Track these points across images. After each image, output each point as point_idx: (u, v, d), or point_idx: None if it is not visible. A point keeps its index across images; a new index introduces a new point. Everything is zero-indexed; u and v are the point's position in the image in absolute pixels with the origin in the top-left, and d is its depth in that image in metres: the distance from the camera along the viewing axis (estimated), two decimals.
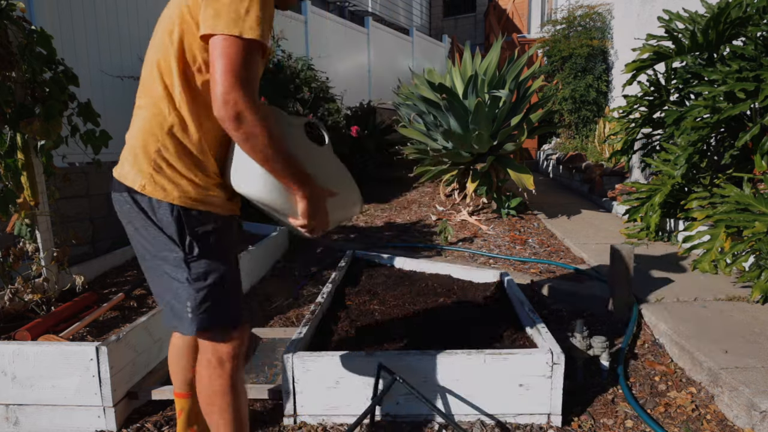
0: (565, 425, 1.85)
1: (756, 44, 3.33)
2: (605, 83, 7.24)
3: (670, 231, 3.97)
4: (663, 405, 1.98)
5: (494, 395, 1.84)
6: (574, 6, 7.82)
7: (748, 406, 1.79)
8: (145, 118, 1.28)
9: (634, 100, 4.28)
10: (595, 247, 3.88)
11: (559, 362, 1.80)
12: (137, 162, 1.27)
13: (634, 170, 5.54)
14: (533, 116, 4.67)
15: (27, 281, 2.36)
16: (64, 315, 2.32)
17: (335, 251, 3.92)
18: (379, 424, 1.85)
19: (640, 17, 5.92)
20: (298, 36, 7.02)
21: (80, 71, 2.74)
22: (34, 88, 2.35)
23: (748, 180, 3.14)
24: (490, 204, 5.03)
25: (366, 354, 1.86)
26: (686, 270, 3.17)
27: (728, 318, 2.47)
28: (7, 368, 1.85)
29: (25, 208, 2.39)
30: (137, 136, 1.29)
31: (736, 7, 3.37)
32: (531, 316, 2.18)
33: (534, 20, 11.48)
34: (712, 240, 2.94)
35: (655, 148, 4.51)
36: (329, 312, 2.48)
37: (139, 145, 1.28)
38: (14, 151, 2.36)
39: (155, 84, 1.26)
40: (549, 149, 8.03)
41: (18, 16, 2.30)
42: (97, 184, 3.98)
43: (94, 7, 4.07)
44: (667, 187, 3.76)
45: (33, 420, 1.89)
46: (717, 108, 3.29)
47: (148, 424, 1.89)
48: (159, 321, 2.22)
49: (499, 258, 3.79)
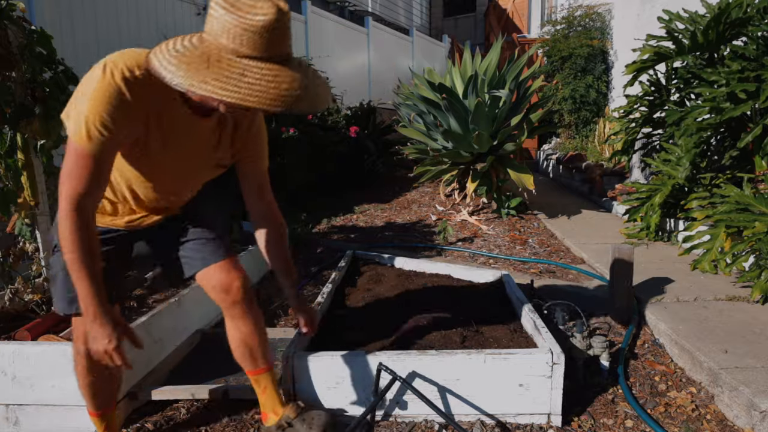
0: (565, 425, 1.85)
1: (757, 44, 3.33)
2: (605, 83, 7.23)
3: (670, 231, 3.97)
4: (663, 405, 1.98)
5: (494, 395, 1.84)
6: (574, 6, 7.82)
7: (748, 406, 1.79)
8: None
9: (635, 100, 4.28)
10: (595, 247, 3.88)
11: (559, 362, 1.80)
12: None
13: (634, 170, 5.54)
14: (533, 116, 4.67)
15: (27, 281, 2.36)
16: None
17: (335, 251, 3.92)
18: (379, 424, 1.85)
19: (640, 17, 5.92)
20: (298, 36, 7.02)
21: (80, 71, 2.73)
22: (34, 88, 2.35)
23: (749, 180, 3.14)
24: (490, 204, 5.03)
25: (366, 354, 1.86)
26: (686, 270, 3.17)
27: (728, 318, 2.47)
28: (7, 368, 1.85)
29: (25, 208, 2.39)
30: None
31: (737, 8, 3.37)
32: (531, 316, 2.18)
33: (534, 20, 11.48)
34: (712, 240, 2.94)
35: (656, 148, 4.51)
36: (329, 312, 2.48)
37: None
38: (14, 151, 2.36)
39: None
40: (549, 149, 8.03)
41: (18, 16, 2.30)
42: None
43: (94, 7, 4.07)
44: (667, 187, 3.76)
45: (33, 420, 1.88)
46: (718, 109, 3.29)
47: (148, 424, 1.89)
48: (159, 321, 2.22)
49: (499, 258, 3.79)
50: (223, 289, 1.60)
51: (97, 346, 1.29)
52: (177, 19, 4.98)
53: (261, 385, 1.73)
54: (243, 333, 1.65)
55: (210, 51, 1.10)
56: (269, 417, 1.73)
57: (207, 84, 1.06)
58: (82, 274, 1.26)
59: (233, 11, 1.08)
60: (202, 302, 2.65)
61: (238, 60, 1.09)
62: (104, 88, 1.19)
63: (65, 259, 1.26)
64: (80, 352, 1.50)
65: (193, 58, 1.09)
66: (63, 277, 1.43)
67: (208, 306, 2.73)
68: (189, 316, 2.49)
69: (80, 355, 1.51)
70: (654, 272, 3.15)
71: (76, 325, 1.53)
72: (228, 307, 1.62)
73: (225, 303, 1.62)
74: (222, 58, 1.09)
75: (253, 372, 1.72)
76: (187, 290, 2.53)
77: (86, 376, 1.54)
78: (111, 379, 1.63)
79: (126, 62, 1.22)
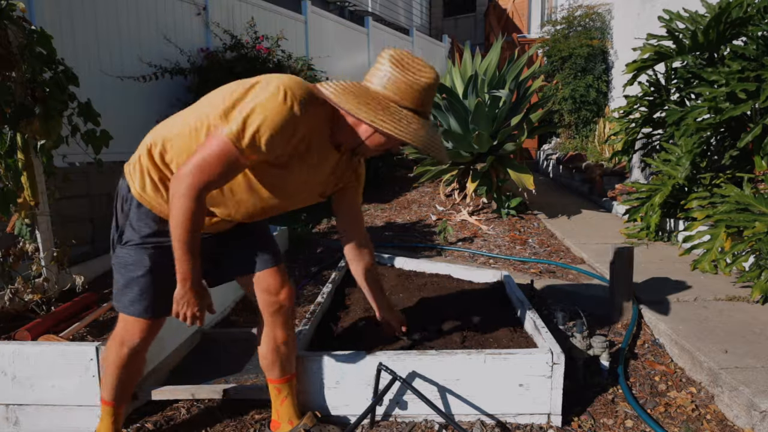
0: (565, 425, 1.85)
1: (757, 44, 3.33)
2: (605, 83, 7.23)
3: (670, 231, 3.97)
4: (663, 405, 1.98)
5: (494, 395, 1.84)
6: (574, 6, 7.82)
7: (748, 406, 1.79)
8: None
9: (635, 100, 4.28)
10: (595, 247, 3.88)
11: (559, 362, 1.80)
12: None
13: (634, 170, 5.54)
14: (533, 116, 4.67)
15: (27, 281, 2.36)
16: (64, 315, 2.32)
17: (335, 251, 3.92)
18: (379, 424, 1.85)
19: (640, 17, 5.92)
20: (298, 36, 7.02)
21: (80, 71, 2.73)
22: (34, 88, 2.35)
23: (749, 180, 3.14)
24: (490, 204, 5.02)
25: (366, 354, 1.86)
26: (686, 270, 3.16)
27: (728, 318, 2.46)
28: (7, 368, 1.85)
29: (25, 208, 2.39)
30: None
31: (737, 7, 3.37)
32: (531, 316, 2.18)
33: (534, 20, 11.47)
34: (712, 240, 2.94)
35: (656, 148, 4.51)
36: (329, 312, 2.48)
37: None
38: (14, 151, 2.36)
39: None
40: (549, 149, 8.03)
41: (18, 16, 2.30)
42: (98, 184, 3.97)
43: (94, 7, 4.07)
44: (667, 187, 3.76)
45: (33, 420, 1.88)
46: (718, 108, 3.28)
47: (148, 424, 1.89)
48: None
49: (499, 258, 3.79)
50: (273, 292, 1.64)
51: (189, 310, 1.46)
52: (177, 19, 4.98)
53: (282, 394, 1.74)
54: (278, 341, 1.68)
55: (378, 97, 1.36)
56: (282, 426, 1.74)
57: (385, 123, 1.32)
58: (188, 252, 1.38)
59: (403, 71, 1.38)
60: None
61: (401, 109, 1.37)
62: (283, 115, 1.31)
63: (174, 237, 1.37)
64: (125, 344, 1.58)
65: (368, 100, 1.34)
66: (146, 281, 1.53)
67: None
68: None
69: (123, 347, 1.58)
70: (654, 272, 3.15)
71: (125, 323, 1.58)
72: (273, 312, 1.65)
73: (271, 307, 1.65)
74: (390, 106, 1.36)
75: (278, 380, 1.73)
76: None
77: (118, 368, 1.61)
78: (135, 377, 1.69)
79: (302, 95, 1.35)
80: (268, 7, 6.32)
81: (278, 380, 1.73)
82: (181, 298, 1.45)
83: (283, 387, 1.74)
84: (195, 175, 1.32)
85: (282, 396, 1.74)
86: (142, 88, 4.48)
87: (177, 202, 1.33)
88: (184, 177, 1.32)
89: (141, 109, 4.51)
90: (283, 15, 6.65)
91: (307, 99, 1.35)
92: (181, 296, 1.44)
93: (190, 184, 1.32)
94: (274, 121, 1.30)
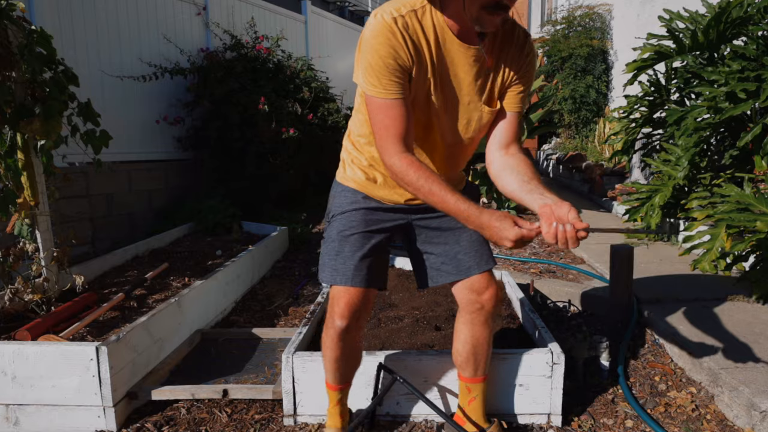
0: (565, 425, 1.85)
1: (757, 44, 3.33)
2: (605, 83, 7.23)
3: (670, 231, 3.97)
4: (663, 405, 1.98)
5: (494, 395, 1.84)
6: (574, 6, 7.82)
7: (748, 406, 1.79)
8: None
9: (635, 100, 4.28)
10: (595, 247, 3.88)
11: (559, 362, 1.80)
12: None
13: (634, 170, 5.54)
14: (533, 116, 4.67)
15: (27, 281, 2.36)
16: (64, 315, 2.31)
17: None
18: (379, 424, 1.85)
19: (640, 17, 5.92)
20: (298, 36, 7.02)
21: (80, 71, 2.73)
22: (34, 88, 2.35)
23: (749, 180, 3.14)
24: (490, 204, 5.02)
25: (366, 354, 1.86)
26: (686, 270, 3.16)
27: (728, 318, 2.46)
28: (7, 368, 1.85)
29: (25, 208, 2.39)
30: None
31: (737, 7, 3.37)
32: (531, 316, 2.18)
33: (534, 20, 11.47)
34: (713, 240, 2.93)
35: (656, 148, 4.50)
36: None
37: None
38: (14, 151, 2.36)
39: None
40: (549, 149, 8.03)
41: (18, 16, 2.30)
42: (97, 184, 3.97)
43: (94, 7, 4.07)
44: (668, 188, 3.75)
45: (33, 420, 1.88)
46: (718, 108, 3.28)
47: (148, 424, 1.89)
48: (159, 321, 2.22)
49: (499, 258, 3.79)
50: (478, 291, 1.57)
51: (509, 234, 1.25)
52: (177, 19, 4.98)
53: (472, 394, 1.69)
54: (477, 340, 1.62)
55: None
56: (466, 425, 1.70)
57: None
58: (448, 194, 1.28)
59: None
60: (202, 302, 2.65)
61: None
62: (379, 33, 1.26)
63: (429, 196, 1.29)
64: (335, 326, 1.54)
65: None
66: (337, 244, 1.53)
67: (208, 306, 2.74)
68: (189, 316, 2.49)
69: (335, 329, 1.54)
70: (654, 272, 3.15)
71: (336, 299, 1.54)
72: (474, 310, 1.59)
73: (474, 305, 1.59)
74: None
75: (471, 379, 1.68)
76: (187, 290, 2.54)
77: (335, 350, 1.58)
78: (355, 356, 1.68)
79: (393, 6, 1.29)
80: (268, 7, 6.32)
81: (470, 379, 1.68)
82: (498, 233, 1.26)
83: (475, 387, 1.68)
84: (388, 137, 1.32)
85: (471, 395, 1.69)
86: (142, 88, 4.48)
87: (400, 171, 1.31)
88: (384, 147, 1.33)
89: (141, 109, 4.51)
90: (283, 15, 6.65)
91: (403, 7, 1.29)
92: (493, 234, 1.26)
93: (392, 142, 1.32)
94: (377, 45, 1.27)
